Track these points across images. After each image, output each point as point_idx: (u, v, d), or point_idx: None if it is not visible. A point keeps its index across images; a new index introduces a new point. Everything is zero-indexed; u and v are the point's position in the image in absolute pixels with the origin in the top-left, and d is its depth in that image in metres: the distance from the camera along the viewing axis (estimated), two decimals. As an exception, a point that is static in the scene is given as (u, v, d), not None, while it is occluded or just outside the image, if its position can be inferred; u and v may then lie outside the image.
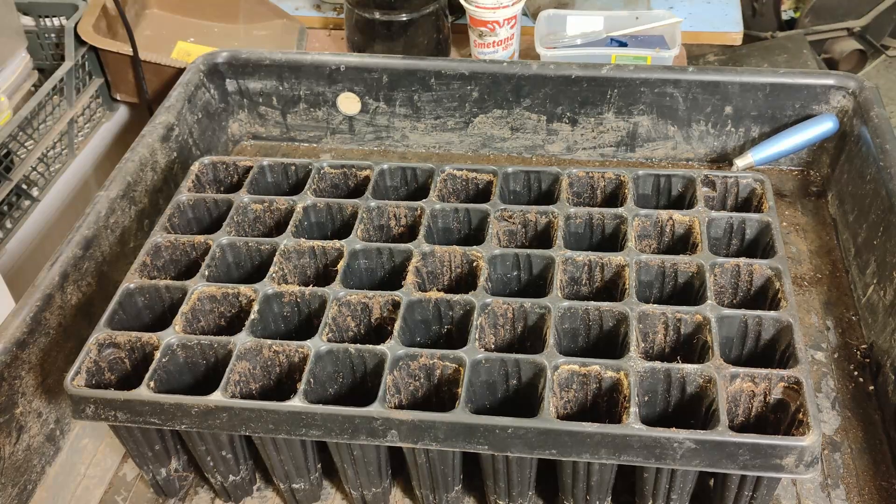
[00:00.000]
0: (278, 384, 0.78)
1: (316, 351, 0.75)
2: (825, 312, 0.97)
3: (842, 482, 0.81)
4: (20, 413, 0.81)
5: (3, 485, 0.79)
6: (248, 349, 0.75)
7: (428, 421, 0.69)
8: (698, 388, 0.72)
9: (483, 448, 0.70)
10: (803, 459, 0.66)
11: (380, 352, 0.74)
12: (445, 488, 0.78)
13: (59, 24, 1.38)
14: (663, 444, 0.67)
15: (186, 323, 0.79)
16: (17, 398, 0.81)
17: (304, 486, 0.80)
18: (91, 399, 0.73)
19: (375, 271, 0.87)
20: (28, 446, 0.82)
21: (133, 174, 1.02)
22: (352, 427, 0.71)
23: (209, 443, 0.77)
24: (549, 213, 0.88)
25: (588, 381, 0.73)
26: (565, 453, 0.69)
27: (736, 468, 0.68)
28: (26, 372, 0.82)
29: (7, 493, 0.80)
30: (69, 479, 0.87)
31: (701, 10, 1.46)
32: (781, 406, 0.71)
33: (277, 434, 0.72)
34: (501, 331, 0.80)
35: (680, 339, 0.78)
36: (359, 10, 1.33)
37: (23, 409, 0.82)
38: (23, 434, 0.82)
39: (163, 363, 0.75)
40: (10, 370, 0.80)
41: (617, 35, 1.30)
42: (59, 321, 0.87)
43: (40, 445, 0.84)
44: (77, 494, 0.86)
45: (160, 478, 0.82)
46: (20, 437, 0.81)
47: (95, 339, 0.77)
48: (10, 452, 0.80)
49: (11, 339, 0.81)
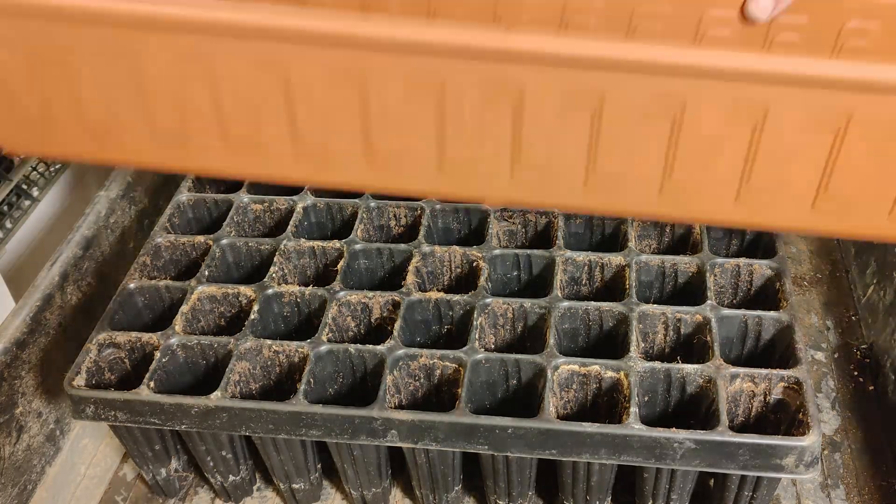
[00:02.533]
0: (278, 384, 0.78)
1: (316, 351, 0.75)
2: (825, 312, 0.97)
3: (842, 482, 0.81)
4: (20, 413, 0.81)
5: (3, 485, 0.79)
6: (248, 349, 0.75)
7: (428, 421, 0.69)
8: (698, 388, 0.72)
9: (483, 448, 0.70)
10: (803, 459, 0.66)
11: (380, 352, 0.74)
12: (445, 488, 0.78)
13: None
14: (663, 444, 0.67)
15: (186, 323, 0.79)
16: (17, 398, 0.81)
17: (303, 486, 0.80)
18: (91, 399, 0.73)
19: (375, 271, 0.87)
20: (28, 446, 0.82)
21: (133, 174, 1.02)
22: (352, 427, 0.71)
23: (209, 443, 0.77)
24: (549, 213, 0.88)
25: (588, 381, 0.73)
26: (565, 453, 0.69)
27: (736, 468, 0.68)
28: (26, 372, 0.82)
29: (7, 493, 0.80)
30: (69, 479, 0.87)
31: (701, 10, 1.46)
32: (781, 406, 0.71)
33: (277, 434, 0.72)
34: (501, 331, 0.80)
35: (680, 339, 0.78)
36: (359, 10, 1.33)
37: (23, 409, 0.82)
38: (23, 434, 0.82)
39: (163, 363, 0.75)
40: (10, 370, 0.80)
41: (617, 35, 1.30)
42: (59, 321, 0.87)
43: (40, 445, 0.84)
44: (77, 494, 0.86)
45: (160, 478, 0.82)
46: (20, 437, 0.82)
47: (95, 339, 0.77)
48: (10, 452, 0.80)
49: (11, 339, 0.81)
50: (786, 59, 0.49)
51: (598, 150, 0.54)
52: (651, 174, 0.54)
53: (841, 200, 0.54)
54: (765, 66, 0.49)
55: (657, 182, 0.55)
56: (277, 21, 0.54)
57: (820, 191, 0.54)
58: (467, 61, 0.51)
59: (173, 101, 0.59)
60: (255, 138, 0.59)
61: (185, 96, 0.58)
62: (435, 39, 0.51)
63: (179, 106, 0.59)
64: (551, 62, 0.50)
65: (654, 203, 0.56)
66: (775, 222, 0.57)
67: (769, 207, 0.55)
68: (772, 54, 0.51)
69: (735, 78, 0.48)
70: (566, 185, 0.56)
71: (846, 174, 0.53)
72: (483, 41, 0.50)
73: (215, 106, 0.58)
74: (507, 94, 0.52)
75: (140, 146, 0.63)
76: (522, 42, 0.50)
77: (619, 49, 0.49)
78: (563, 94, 0.51)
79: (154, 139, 0.61)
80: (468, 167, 0.57)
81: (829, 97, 0.48)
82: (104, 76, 0.59)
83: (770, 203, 0.55)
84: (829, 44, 0.68)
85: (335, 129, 0.57)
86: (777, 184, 0.54)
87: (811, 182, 0.53)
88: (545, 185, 0.57)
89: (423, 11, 0.71)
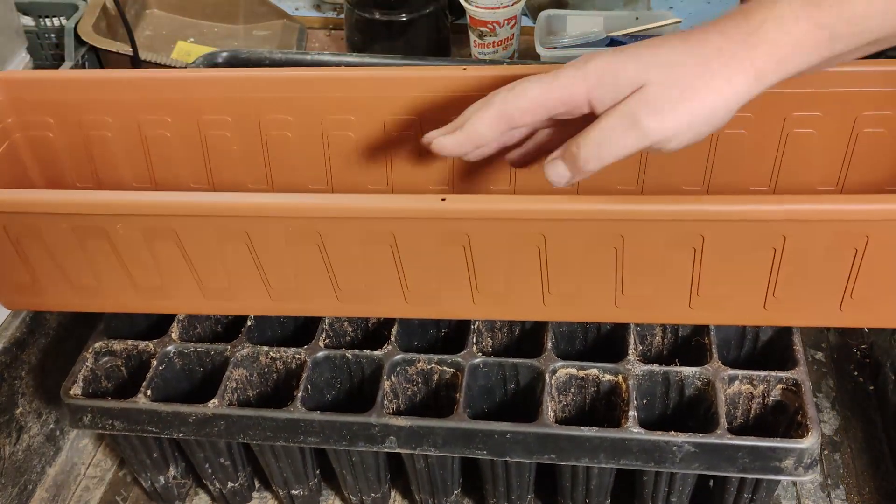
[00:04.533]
0: (276, 391, 0.77)
1: (313, 357, 0.74)
2: (826, 311, 0.96)
3: (842, 482, 0.80)
4: (20, 413, 0.82)
5: (3, 485, 0.79)
6: (245, 356, 0.75)
7: (426, 427, 0.69)
8: (697, 391, 0.71)
9: (482, 453, 0.70)
10: (802, 461, 0.66)
11: (377, 357, 0.74)
12: (445, 493, 0.78)
13: (59, 24, 1.38)
14: (662, 447, 0.67)
15: (183, 330, 0.79)
16: (16, 398, 0.81)
17: (303, 492, 0.80)
18: (88, 408, 0.73)
19: (373, 275, 0.86)
20: (28, 446, 0.82)
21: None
22: (350, 434, 0.70)
23: (207, 450, 0.77)
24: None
25: (586, 385, 0.73)
26: (564, 458, 0.69)
27: (735, 471, 0.67)
28: (26, 372, 0.82)
29: (7, 494, 0.80)
30: (69, 480, 0.87)
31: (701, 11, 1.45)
32: (780, 408, 0.71)
33: (275, 441, 0.72)
34: (499, 334, 0.80)
35: (678, 341, 0.77)
36: (358, 11, 1.32)
37: (23, 409, 0.82)
38: (23, 434, 0.82)
39: (159, 371, 0.75)
40: (9, 370, 0.80)
41: (617, 35, 1.29)
42: (58, 321, 0.87)
43: (40, 446, 0.84)
44: (77, 494, 0.86)
45: (159, 485, 0.82)
46: (20, 438, 0.82)
47: (92, 347, 0.77)
48: (10, 452, 0.80)
49: (11, 339, 0.81)
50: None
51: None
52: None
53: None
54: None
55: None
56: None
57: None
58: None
59: (151, 266, 0.70)
60: (228, 289, 0.72)
61: (161, 262, 0.70)
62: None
63: (157, 269, 0.71)
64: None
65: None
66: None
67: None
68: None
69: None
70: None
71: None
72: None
73: (190, 267, 0.70)
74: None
75: (122, 299, 0.74)
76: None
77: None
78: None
79: (137, 292, 0.73)
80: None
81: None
82: (81, 251, 0.70)
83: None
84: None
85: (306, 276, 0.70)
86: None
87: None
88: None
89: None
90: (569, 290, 0.68)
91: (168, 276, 0.71)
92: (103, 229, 0.67)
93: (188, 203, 0.67)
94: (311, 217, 0.65)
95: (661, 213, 0.61)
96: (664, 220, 0.61)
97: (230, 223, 0.66)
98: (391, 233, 0.65)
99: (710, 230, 0.61)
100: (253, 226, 0.66)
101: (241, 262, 0.69)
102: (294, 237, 0.66)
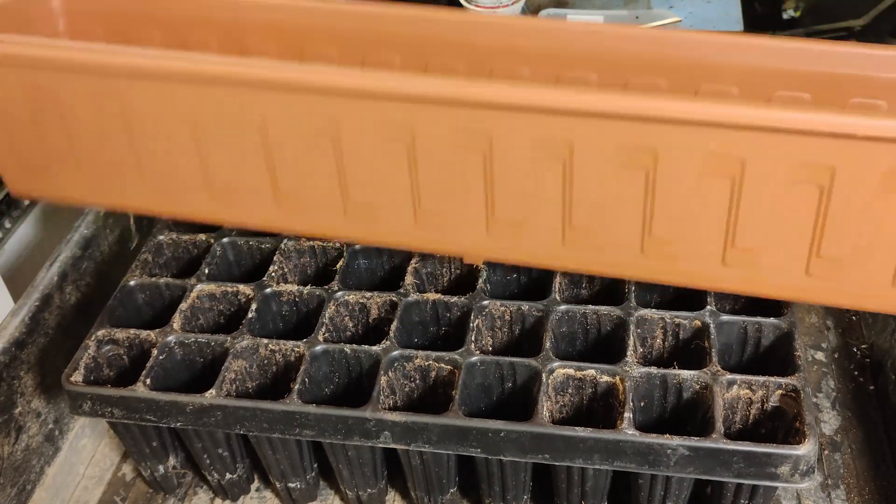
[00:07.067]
0: (274, 383, 0.78)
1: (312, 351, 0.75)
2: (825, 312, 0.96)
3: (842, 482, 0.80)
4: (19, 413, 0.82)
5: (2, 485, 0.80)
6: (245, 348, 0.76)
7: (420, 423, 0.69)
8: (694, 395, 0.71)
9: (476, 451, 0.70)
10: (799, 468, 0.65)
11: (375, 352, 0.74)
12: (440, 490, 0.78)
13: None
14: (657, 450, 0.66)
15: (185, 321, 0.79)
16: (15, 398, 0.82)
17: (300, 485, 0.80)
18: (87, 395, 0.74)
19: (375, 271, 0.87)
20: (27, 446, 0.83)
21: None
22: (345, 428, 0.71)
23: (205, 440, 0.77)
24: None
25: (583, 386, 0.72)
26: (558, 458, 0.69)
27: (730, 476, 0.67)
28: (25, 372, 0.83)
29: (6, 494, 0.80)
30: (68, 479, 0.87)
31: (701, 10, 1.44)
32: (779, 414, 0.71)
33: (271, 433, 0.72)
34: (499, 333, 0.80)
35: (678, 344, 0.77)
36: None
37: (22, 409, 0.82)
38: (22, 434, 0.82)
39: (160, 360, 0.76)
40: (8, 370, 0.80)
41: (618, 34, 1.29)
42: (57, 321, 0.87)
43: (39, 445, 0.84)
44: (76, 494, 0.86)
45: (158, 474, 0.83)
46: (19, 437, 0.82)
47: (94, 335, 0.77)
48: (9, 452, 0.81)
49: (10, 338, 0.81)
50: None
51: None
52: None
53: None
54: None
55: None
56: (253, 72, 0.61)
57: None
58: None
59: (162, 149, 0.66)
60: (234, 186, 0.66)
61: (172, 144, 0.65)
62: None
63: (167, 153, 0.66)
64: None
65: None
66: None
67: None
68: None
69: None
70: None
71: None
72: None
73: (200, 156, 0.65)
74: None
75: (132, 192, 0.69)
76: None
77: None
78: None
79: (145, 185, 0.68)
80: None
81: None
82: (95, 123, 0.65)
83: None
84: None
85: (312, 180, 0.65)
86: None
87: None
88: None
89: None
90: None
91: (176, 166, 0.66)
92: (120, 94, 0.63)
93: (208, 71, 0.62)
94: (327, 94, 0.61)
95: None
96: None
97: (244, 97, 0.61)
98: (410, 126, 0.60)
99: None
100: (268, 107, 0.61)
101: (250, 153, 0.64)
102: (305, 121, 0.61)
